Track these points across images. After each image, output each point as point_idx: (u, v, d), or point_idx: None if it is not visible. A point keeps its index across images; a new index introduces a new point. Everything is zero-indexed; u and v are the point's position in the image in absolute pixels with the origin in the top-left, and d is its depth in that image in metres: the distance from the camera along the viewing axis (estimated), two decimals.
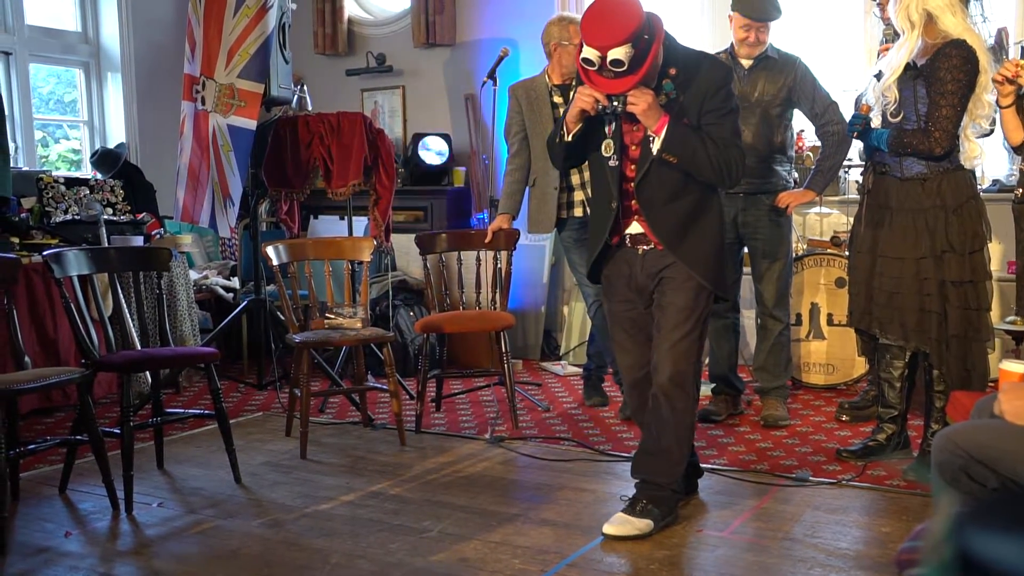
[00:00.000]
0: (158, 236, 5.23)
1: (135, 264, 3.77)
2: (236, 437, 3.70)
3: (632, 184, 2.93)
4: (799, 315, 4.91)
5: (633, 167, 2.93)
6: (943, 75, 3.27)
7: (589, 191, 4.30)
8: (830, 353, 4.87)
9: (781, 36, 4.29)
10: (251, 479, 3.61)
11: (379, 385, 4.46)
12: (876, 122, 3.49)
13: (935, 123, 3.28)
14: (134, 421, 3.38)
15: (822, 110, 4.13)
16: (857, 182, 4.88)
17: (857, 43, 5.45)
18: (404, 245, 5.75)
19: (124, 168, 5.70)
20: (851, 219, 3.90)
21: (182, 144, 5.22)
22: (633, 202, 2.95)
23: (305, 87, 5.68)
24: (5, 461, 2.97)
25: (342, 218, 5.70)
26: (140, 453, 3.70)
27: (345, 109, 5.26)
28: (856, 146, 4.79)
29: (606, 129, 2.94)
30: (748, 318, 4.91)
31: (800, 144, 5.13)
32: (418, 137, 6.30)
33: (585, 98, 2.83)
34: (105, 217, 4.89)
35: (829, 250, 4.90)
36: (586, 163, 3.13)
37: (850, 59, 5.46)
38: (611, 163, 2.95)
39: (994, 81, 3.21)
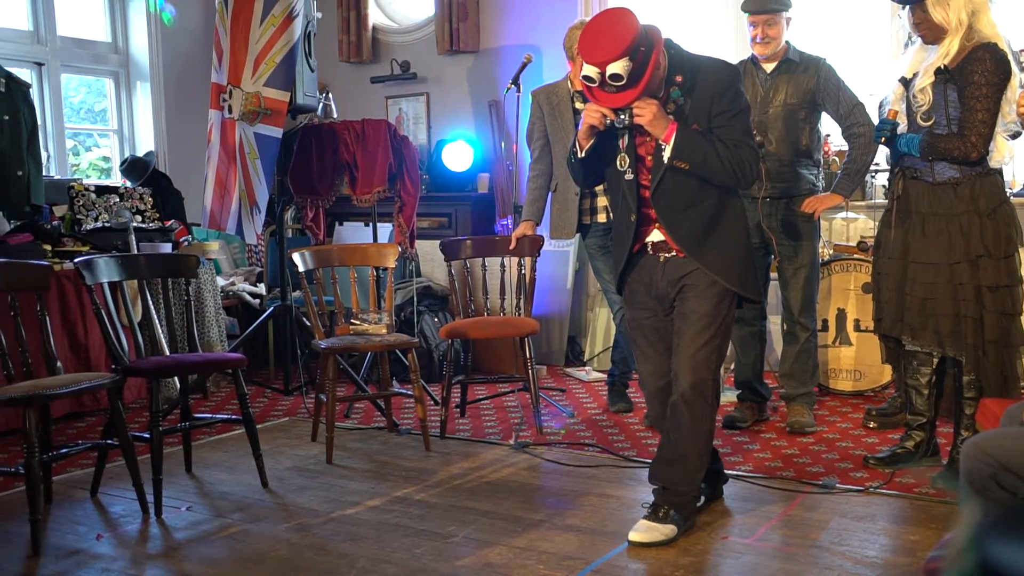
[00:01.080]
0: (186, 243, 5.29)
1: (164, 271, 3.82)
2: (263, 442, 3.73)
3: (649, 193, 2.94)
4: (825, 321, 4.88)
5: (649, 177, 2.95)
6: (977, 78, 3.24)
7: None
8: (857, 359, 4.84)
9: (808, 39, 4.27)
10: (278, 484, 3.63)
11: (404, 391, 4.48)
12: (903, 127, 3.47)
13: (971, 127, 3.25)
14: (163, 426, 3.42)
15: (847, 112, 4.08)
16: (884, 187, 4.85)
17: (883, 47, 5.41)
18: (428, 251, 5.77)
19: (153, 176, 5.78)
20: (877, 224, 3.88)
21: (209, 152, 5.27)
22: (652, 211, 2.96)
23: (330, 95, 5.72)
24: (38, 465, 3.02)
25: (367, 225, 5.73)
26: (169, 457, 3.74)
27: (370, 116, 5.30)
28: (883, 151, 4.76)
29: (620, 143, 2.96)
30: (774, 324, 4.89)
31: (827, 148, 5.10)
32: (442, 144, 6.33)
33: (592, 114, 2.86)
34: (134, 224, 4.96)
35: (856, 255, 4.87)
36: None
37: (877, 63, 5.42)
38: (627, 176, 2.97)
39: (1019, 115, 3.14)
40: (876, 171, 5.16)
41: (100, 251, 4.68)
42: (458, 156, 6.28)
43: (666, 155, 2.85)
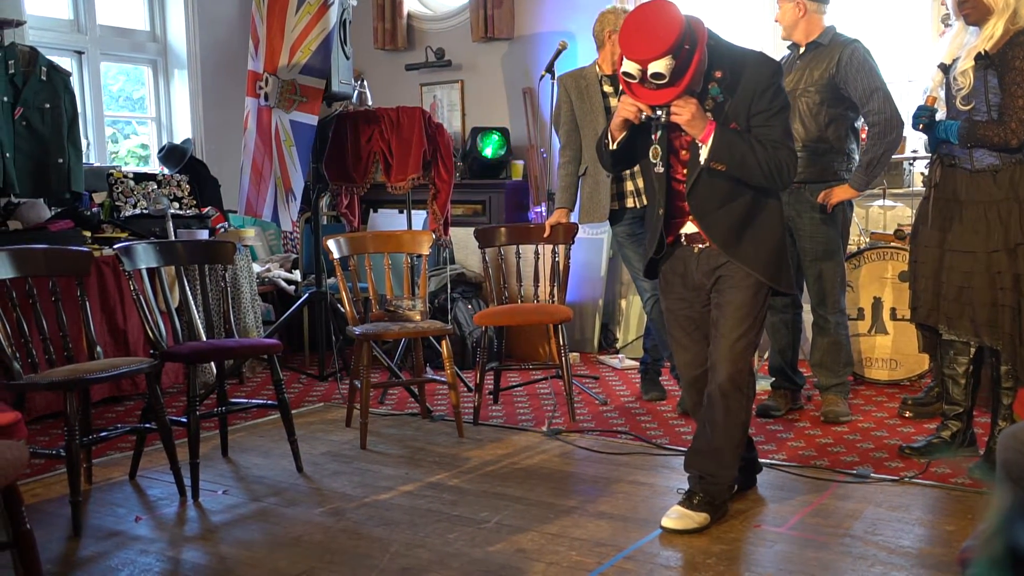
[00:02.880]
0: (222, 230, 5.35)
1: (201, 257, 3.86)
2: (297, 427, 3.78)
3: (683, 186, 2.90)
4: (861, 309, 4.83)
5: (683, 171, 2.90)
6: (1019, 64, 3.18)
7: (640, 181, 4.30)
8: (894, 348, 4.79)
9: (842, 24, 4.20)
10: (312, 468, 3.68)
11: (437, 377, 4.51)
12: (941, 114, 3.42)
13: (1012, 113, 3.19)
14: (200, 410, 3.47)
15: (863, 99, 3.92)
16: (922, 174, 4.78)
17: (924, 32, 5.33)
18: (462, 238, 5.79)
19: (190, 163, 5.84)
20: (915, 212, 3.83)
21: (246, 139, 5.32)
22: (684, 204, 2.93)
23: (365, 82, 5.75)
24: (78, 448, 3.08)
25: (401, 212, 5.76)
26: (205, 442, 3.79)
27: (404, 104, 5.32)
28: (921, 138, 4.69)
29: (653, 136, 2.91)
30: (809, 313, 4.85)
31: (863, 136, 5.02)
32: (476, 131, 6.33)
33: (628, 107, 2.81)
34: (172, 211, 5.02)
35: (892, 243, 4.81)
36: None
37: (918, 49, 5.34)
38: (657, 169, 2.93)
39: None
40: (914, 158, 5.08)
41: (138, 237, 4.74)
42: (492, 143, 6.28)
43: (703, 156, 2.80)
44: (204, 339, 3.87)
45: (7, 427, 2.49)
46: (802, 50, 4.05)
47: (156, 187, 5.18)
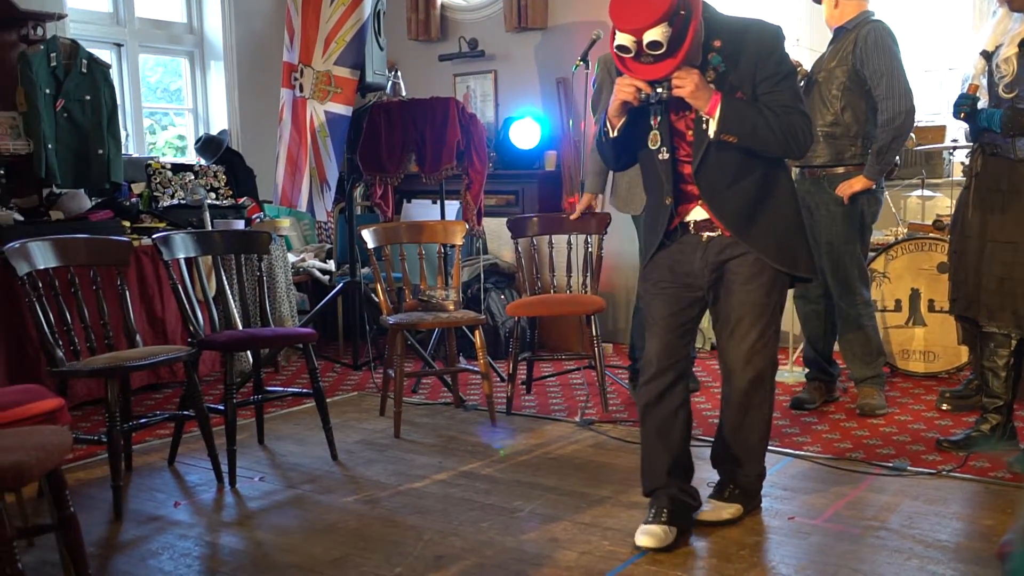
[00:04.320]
0: (258, 220, 5.40)
1: (238, 247, 3.91)
2: (332, 415, 3.81)
3: (690, 168, 2.70)
4: (899, 301, 4.78)
5: (689, 152, 2.71)
6: None
7: None
8: (931, 340, 4.73)
9: (882, 11, 4.15)
10: (347, 456, 3.71)
11: (471, 367, 4.52)
12: (983, 102, 3.37)
13: None
14: (236, 398, 3.51)
15: (875, 82, 3.82)
16: (963, 163, 4.71)
17: (965, 19, 5.25)
18: (495, 229, 5.80)
19: (226, 154, 5.90)
20: (955, 202, 3.78)
21: (281, 130, 5.37)
22: (692, 187, 2.73)
23: (399, 73, 5.76)
24: (119, 434, 3.13)
25: (435, 202, 5.78)
26: (241, 429, 3.84)
27: (438, 94, 5.33)
28: (961, 126, 4.62)
29: (652, 121, 2.72)
30: None
31: None
32: (510, 121, 6.33)
33: (626, 88, 2.61)
34: (209, 202, 5.08)
35: (931, 234, 4.75)
36: None
37: (959, 36, 5.26)
38: (661, 156, 2.72)
39: None
40: (955, 147, 5.01)
41: (176, 227, 4.81)
42: (525, 134, 6.28)
43: (711, 129, 2.61)
44: (240, 328, 3.92)
45: (51, 413, 2.55)
46: (831, 35, 4.02)
47: (193, 178, 5.24)
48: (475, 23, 6.72)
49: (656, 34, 2.47)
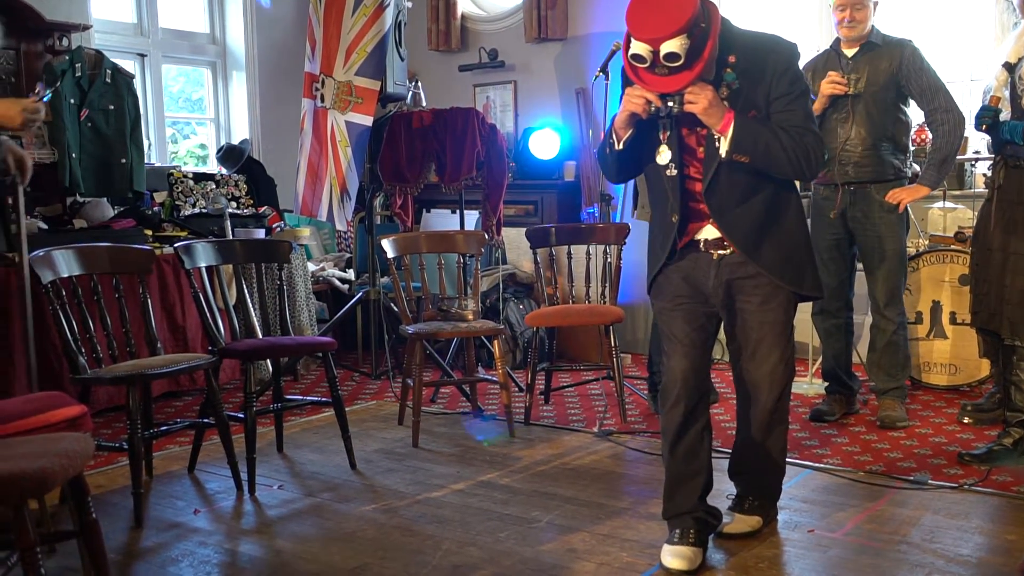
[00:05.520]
0: (278, 229, 5.43)
1: (258, 256, 3.93)
2: (350, 424, 3.82)
3: (700, 186, 2.64)
4: (920, 313, 4.75)
5: (699, 169, 2.64)
6: None
7: None
8: (953, 353, 4.70)
9: (906, 24, 4.15)
10: (365, 465, 3.72)
11: (489, 377, 4.53)
12: (1005, 114, 3.35)
13: None
14: (256, 407, 3.53)
15: (931, 96, 3.94)
16: (985, 175, 4.68)
17: (987, 31, 5.22)
18: (514, 239, 5.81)
19: (247, 163, 5.94)
20: (976, 214, 3.76)
21: (302, 140, 5.40)
22: (702, 206, 2.66)
23: (419, 83, 5.79)
24: (141, 441, 3.15)
25: (454, 212, 5.79)
26: (261, 437, 3.85)
27: (458, 104, 5.35)
28: (984, 139, 4.60)
29: (660, 135, 2.62)
30: (866, 315, 4.78)
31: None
32: (529, 131, 6.35)
33: (635, 100, 2.52)
34: (230, 210, 5.11)
35: (953, 246, 4.72)
36: None
37: (980, 48, 5.24)
38: (669, 172, 2.64)
39: None
40: (977, 159, 4.98)
41: (197, 236, 4.84)
42: (545, 144, 6.29)
43: (723, 148, 2.54)
44: (260, 336, 3.94)
45: (74, 420, 2.57)
46: (854, 51, 4.00)
47: (215, 187, 5.28)
48: (495, 34, 6.75)
49: (674, 45, 2.38)
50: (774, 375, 2.76)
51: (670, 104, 2.49)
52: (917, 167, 4.40)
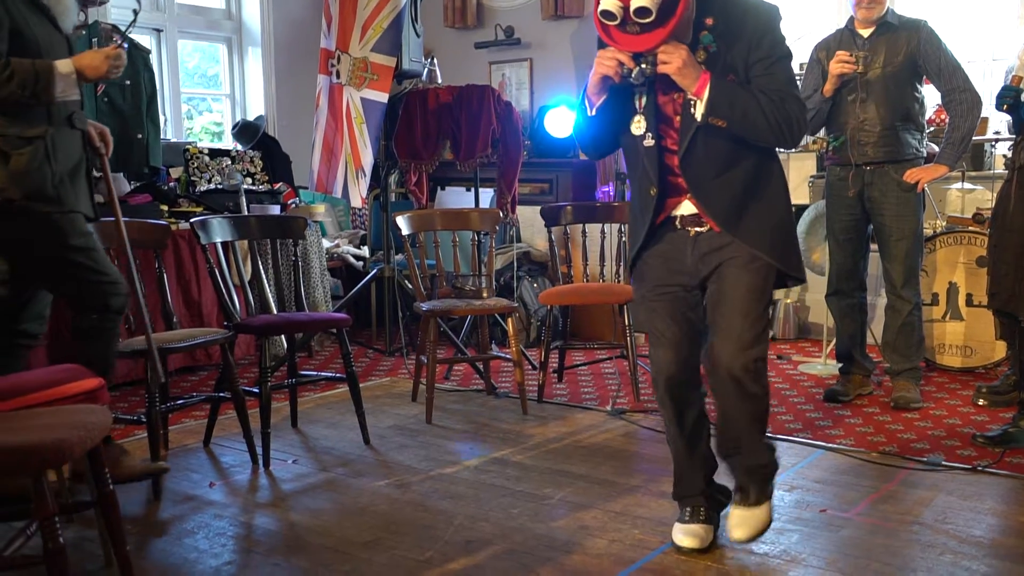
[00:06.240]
0: (293, 205, 5.45)
1: (274, 232, 3.94)
2: (364, 400, 3.84)
3: (676, 159, 2.48)
4: (936, 295, 4.73)
5: (677, 140, 2.48)
6: None
7: None
8: (968, 335, 4.68)
9: (926, 5, 4.11)
10: (379, 441, 3.74)
11: (502, 354, 4.54)
12: None
13: None
14: (271, 382, 3.55)
15: (949, 75, 3.93)
16: (1005, 156, 4.64)
17: (1009, 11, 5.16)
18: (529, 217, 5.80)
19: (262, 139, 5.95)
20: (995, 195, 3.73)
21: (317, 116, 5.40)
22: (680, 179, 2.51)
23: (435, 60, 5.77)
24: (158, 414, 3.18)
25: (468, 189, 5.79)
26: (275, 412, 3.88)
27: (473, 82, 5.33)
28: (1004, 119, 4.56)
29: (636, 103, 2.49)
30: (880, 296, 4.76)
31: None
32: (545, 109, 6.32)
33: (607, 62, 2.39)
34: (245, 187, 5.12)
35: (971, 227, 4.69)
36: None
37: (1002, 28, 5.18)
38: (646, 142, 2.49)
39: None
40: (997, 140, 4.94)
41: (213, 212, 4.86)
42: (560, 122, 6.27)
43: (698, 112, 2.38)
44: (275, 312, 3.95)
45: (91, 392, 2.59)
46: (870, 31, 3.97)
47: (230, 163, 5.29)
48: (511, 11, 6.71)
49: (645, 0, 2.27)
50: (741, 342, 2.47)
51: (643, 66, 2.36)
52: (934, 147, 4.37)
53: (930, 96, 4.19)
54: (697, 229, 2.53)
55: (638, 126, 2.49)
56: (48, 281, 3.03)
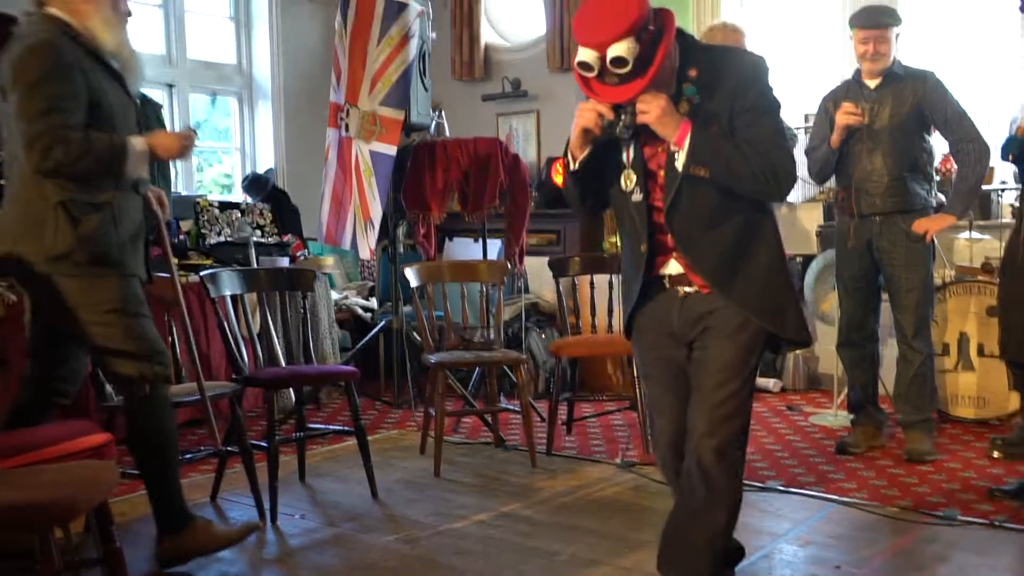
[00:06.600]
0: (302, 257, 5.46)
1: (283, 285, 3.95)
2: (372, 453, 3.81)
3: (663, 216, 2.37)
4: (947, 345, 4.70)
5: (662, 196, 2.38)
6: None
7: None
8: (981, 385, 4.64)
9: (932, 56, 4.15)
10: (387, 495, 3.71)
11: (511, 406, 4.51)
12: None
13: None
14: (278, 435, 3.53)
15: (955, 126, 3.96)
16: (1012, 205, 4.65)
17: (1012, 63, 5.21)
18: (537, 268, 5.81)
19: (272, 192, 6.00)
20: (1003, 244, 3.72)
21: (327, 169, 5.44)
22: (667, 237, 2.38)
23: (443, 113, 5.83)
24: None
25: (476, 240, 5.81)
26: (283, 466, 3.85)
27: (481, 134, 5.38)
28: (1010, 168, 4.57)
29: (624, 158, 2.42)
30: (891, 347, 4.73)
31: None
32: (552, 161, 6.36)
33: (586, 114, 2.33)
34: (254, 239, 5.15)
35: (980, 277, 4.68)
36: None
37: (1005, 80, 5.22)
38: (635, 198, 2.39)
39: None
40: (1004, 189, 4.95)
41: (223, 264, 4.87)
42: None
43: (679, 162, 2.29)
44: (283, 365, 3.95)
45: (99, 448, 2.58)
46: (877, 82, 4.00)
47: (240, 215, 5.32)
48: (518, 63, 6.80)
49: (621, 49, 2.20)
50: (714, 415, 2.33)
51: (623, 116, 2.30)
52: (942, 197, 4.38)
53: (938, 145, 4.21)
54: (686, 289, 2.41)
55: (627, 181, 2.41)
56: (93, 345, 2.95)
